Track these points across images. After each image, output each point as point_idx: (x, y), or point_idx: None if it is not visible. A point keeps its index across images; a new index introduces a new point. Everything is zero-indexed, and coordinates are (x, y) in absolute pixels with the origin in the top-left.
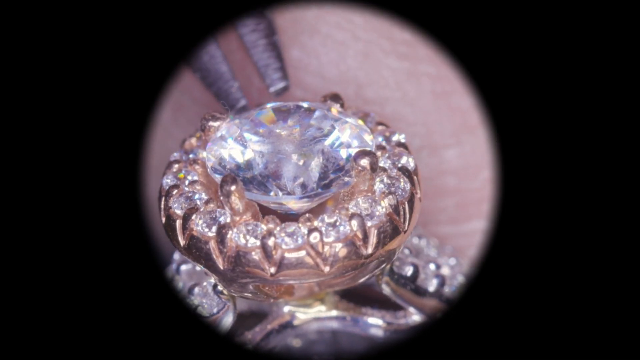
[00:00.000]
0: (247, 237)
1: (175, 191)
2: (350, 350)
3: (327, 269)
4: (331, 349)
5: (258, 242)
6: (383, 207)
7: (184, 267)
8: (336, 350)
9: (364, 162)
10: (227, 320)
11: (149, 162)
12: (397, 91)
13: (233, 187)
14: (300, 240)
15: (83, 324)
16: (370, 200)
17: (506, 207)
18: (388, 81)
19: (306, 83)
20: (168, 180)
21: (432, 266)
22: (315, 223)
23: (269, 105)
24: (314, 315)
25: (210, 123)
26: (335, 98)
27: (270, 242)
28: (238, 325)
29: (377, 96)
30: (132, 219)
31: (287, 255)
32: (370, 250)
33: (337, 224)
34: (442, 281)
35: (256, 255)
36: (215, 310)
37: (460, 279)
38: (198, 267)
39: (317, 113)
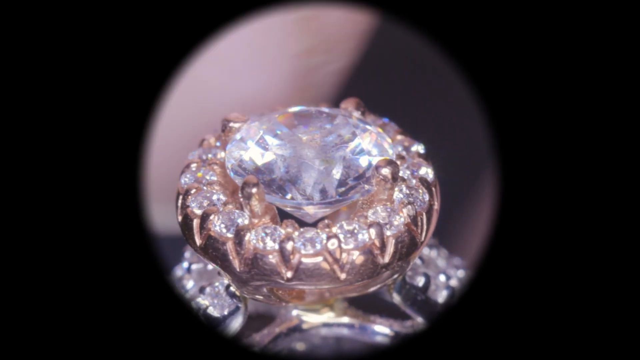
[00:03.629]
0: (266, 240)
1: (193, 190)
2: (353, 355)
3: (343, 275)
4: (334, 354)
5: (276, 246)
6: (402, 217)
7: (194, 267)
8: (339, 356)
9: (385, 171)
10: (237, 321)
11: None
12: None
13: (254, 190)
14: (318, 246)
15: (86, 326)
16: (389, 210)
17: (507, 213)
18: None
19: None
20: (186, 179)
21: (442, 277)
22: (334, 229)
23: (290, 110)
24: (322, 321)
25: (231, 124)
26: (357, 105)
27: (289, 246)
28: (246, 327)
29: None
30: (134, 219)
31: (304, 260)
32: (387, 260)
33: (356, 231)
34: (452, 293)
35: (273, 259)
36: (226, 311)
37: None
38: (210, 267)
39: (338, 119)
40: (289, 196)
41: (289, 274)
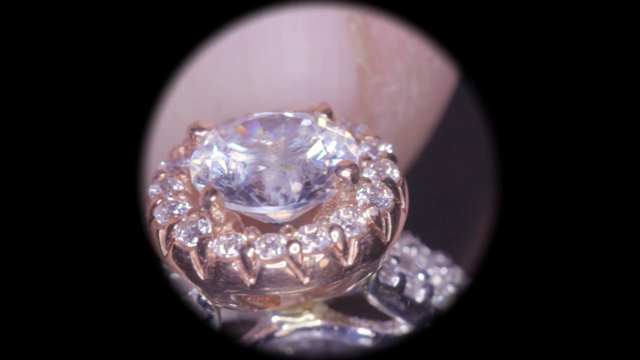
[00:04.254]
0: (227, 247)
1: (159, 201)
2: (340, 358)
3: (306, 280)
4: (322, 357)
5: (237, 253)
6: (364, 218)
7: (171, 277)
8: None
9: (345, 173)
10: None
11: None
12: None
13: (213, 198)
14: (279, 251)
15: (80, 326)
16: (351, 212)
17: (506, 215)
18: None
19: None
20: (154, 190)
21: (420, 276)
22: (296, 234)
23: (255, 115)
24: (301, 325)
25: (197, 133)
26: (324, 109)
27: (250, 253)
28: (223, 334)
29: None
30: (131, 218)
31: (266, 266)
32: (350, 262)
33: (318, 235)
34: (431, 291)
35: (236, 266)
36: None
37: (450, 289)
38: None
39: (303, 123)
40: (253, 202)
41: (252, 281)
